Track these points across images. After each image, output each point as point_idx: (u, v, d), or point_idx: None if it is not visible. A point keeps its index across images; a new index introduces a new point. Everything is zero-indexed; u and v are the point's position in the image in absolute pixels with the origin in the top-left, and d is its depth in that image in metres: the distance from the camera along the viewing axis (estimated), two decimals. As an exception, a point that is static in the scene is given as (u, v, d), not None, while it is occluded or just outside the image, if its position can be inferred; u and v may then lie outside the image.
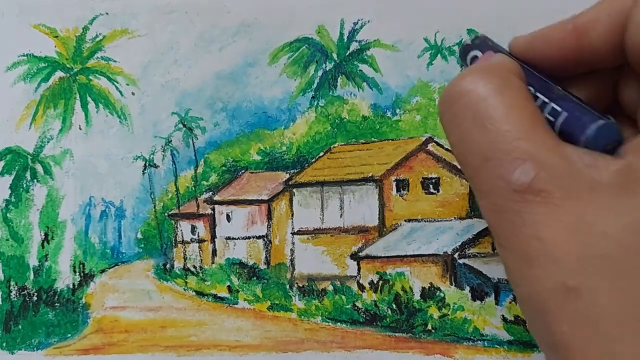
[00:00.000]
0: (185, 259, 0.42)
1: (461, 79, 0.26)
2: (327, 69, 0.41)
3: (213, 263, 0.42)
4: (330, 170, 0.41)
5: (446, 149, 0.40)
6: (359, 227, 0.41)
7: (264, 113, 0.41)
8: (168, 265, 0.42)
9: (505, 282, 0.39)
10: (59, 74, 0.43)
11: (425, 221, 0.40)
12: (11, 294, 0.42)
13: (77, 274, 0.42)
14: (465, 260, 0.39)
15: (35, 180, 0.42)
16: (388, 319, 0.39)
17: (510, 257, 0.24)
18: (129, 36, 0.43)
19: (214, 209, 0.43)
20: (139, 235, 0.42)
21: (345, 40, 0.41)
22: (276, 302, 0.41)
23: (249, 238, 0.42)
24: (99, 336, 0.41)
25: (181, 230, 0.43)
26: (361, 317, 0.40)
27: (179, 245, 0.42)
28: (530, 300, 0.23)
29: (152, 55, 0.42)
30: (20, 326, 0.41)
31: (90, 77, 0.43)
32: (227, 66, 0.42)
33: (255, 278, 0.41)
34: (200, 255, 0.42)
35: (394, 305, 0.39)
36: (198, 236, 0.43)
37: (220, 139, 0.42)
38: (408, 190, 0.40)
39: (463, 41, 0.34)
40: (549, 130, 0.24)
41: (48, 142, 0.43)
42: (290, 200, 0.42)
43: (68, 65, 0.43)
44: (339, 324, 0.40)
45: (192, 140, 0.42)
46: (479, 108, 0.25)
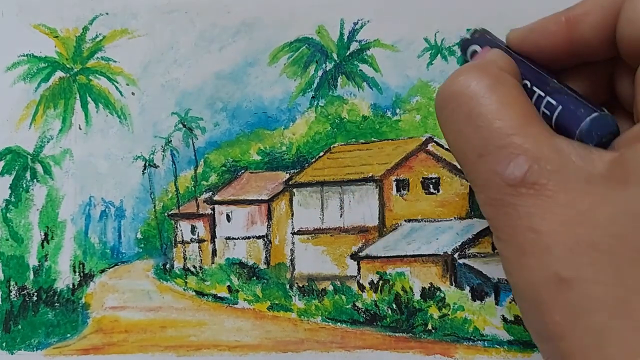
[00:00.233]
0: (185, 259, 0.42)
1: (454, 78, 0.26)
2: (327, 69, 0.41)
3: (213, 263, 0.42)
4: (330, 170, 0.41)
5: (446, 149, 0.40)
6: (359, 227, 0.41)
7: (264, 113, 0.41)
8: (168, 265, 0.42)
9: (505, 282, 0.39)
10: (59, 74, 0.43)
11: (425, 221, 0.40)
12: (11, 294, 0.42)
13: (77, 274, 0.42)
14: (465, 260, 0.39)
15: (35, 180, 0.42)
16: (388, 319, 0.39)
17: (506, 249, 0.24)
18: (129, 36, 0.43)
19: (213, 209, 0.43)
20: (139, 235, 0.42)
21: (345, 40, 0.41)
22: (276, 302, 0.41)
23: (249, 238, 0.42)
24: (99, 336, 0.41)
25: (181, 230, 0.43)
26: (361, 317, 0.40)
27: (179, 245, 0.42)
28: (524, 290, 0.24)
29: (152, 55, 0.42)
30: (20, 326, 0.41)
31: (90, 77, 0.43)
32: (227, 66, 0.42)
33: (255, 278, 0.41)
34: (200, 255, 0.42)
35: (394, 305, 0.39)
36: (198, 236, 0.43)
37: (220, 139, 0.42)
38: (408, 190, 0.40)
39: (462, 35, 0.34)
40: (542, 124, 0.25)
41: (48, 142, 0.43)
42: (290, 200, 0.42)
43: (68, 66, 0.43)
44: (339, 324, 0.40)
45: (192, 140, 0.42)
46: (471, 107, 0.25)
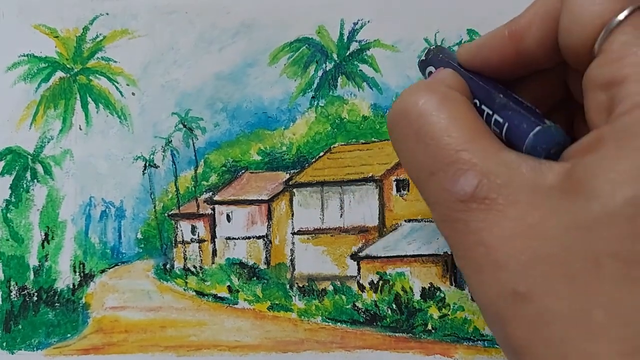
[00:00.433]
0: (185, 259, 0.42)
1: (403, 97, 0.26)
2: (327, 69, 0.41)
3: (213, 263, 0.42)
4: (330, 171, 0.41)
5: (446, 149, 0.40)
6: (359, 227, 0.41)
7: (264, 113, 0.42)
8: (168, 266, 0.42)
9: (506, 282, 0.39)
10: (59, 74, 0.43)
11: (425, 221, 0.40)
12: (11, 294, 0.42)
13: (77, 274, 0.42)
14: (466, 260, 0.39)
15: (35, 180, 0.42)
16: (388, 319, 0.39)
17: (464, 266, 0.24)
18: (129, 36, 0.43)
19: (214, 209, 0.43)
20: (139, 236, 0.42)
21: (345, 40, 0.41)
22: (276, 302, 0.41)
23: (249, 238, 0.42)
24: (99, 336, 0.41)
25: (181, 230, 0.43)
26: (361, 317, 0.40)
27: (179, 245, 0.42)
28: (485, 306, 0.23)
29: (152, 56, 0.42)
30: (20, 326, 0.41)
31: (90, 78, 0.43)
32: (227, 66, 0.42)
33: (255, 278, 0.41)
34: (200, 256, 0.42)
35: (394, 305, 0.39)
36: (198, 236, 0.43)
37: (221, 139, 0.42)
38: (408, 190, 0.40)
39: (421, 54, 0.33)
40: (490, 138, 0.24)
41: (48, 142, 0.43)
42: (290, 200, 0.42)
43: (68, 66, 0.43)
44: (339, 324, 0.40)
45: (192, 140, 0.42)
46: (419, 125, 0.25)
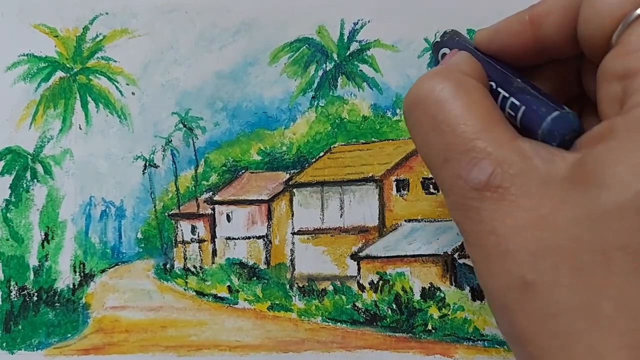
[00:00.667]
0: (185, 259, 0.42)
1: (419, 84, 0.26)
2: (328, 69, 0.41)
3: (213, 263, 0.42)
4: (330, 170, 0.41)
5: (446, 149, 0.40)
6: (359, 227, 0.41)
7: (264, 113, 0.41)
8: (168, 265, 0.42)
9: (506, 282, 0.39)
10: (59, 73, 0.43)
11: (425, 221, 0.40)
12: (11, 294, 0.42)
13: (77, 274, 0.42)
14: (465, 260, 0.39)
15: (35, 180, 0.42)
16: (388, 319, 0.39)
17: (474, 254, 0.24)
18: (129, 36, 0.43)
19: (214, 209, 0.43)
20: (139, 235, 0.42)
21: (345, 40, 0.41)
22: (276, 302, 0.41)
23: (249, 238, 0.42)
24: (99, 336, 0.41)
25: (181, 230, 0.43)
26: (361, 317, 0.40)
27: (179, 245, 0.42)
28: (492, 295, 0.24)
29: (152, 55, 0.42)
30: (20, 326, 0.41)
31: (90, 77, 0.43)
32: (227, 66, 0.42)
33: (255, 278, 0.41)
34: (200, 255, 0.42)
35: (394, 305, 0.39)
36: (198, 236, 0.43)
37: (221, 138, 0.42)
38: (408, 190, 0.40)
39: (436, 37, 0.33)
40: (505, 127, 0.25)
41: (48, 142, 0.43)
42: (291, 200, 0.42)
43: (68, 65, 0.43)
44: (339, 324, 0.40)
45: (192, 140, 0.42)
46: (435, 112, 0.25)
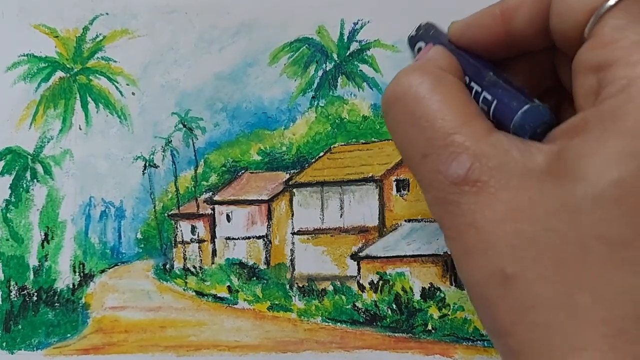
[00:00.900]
0: (185, 259, 0.42)
1: (397, 80, 0.27)
2: (327, 69, 0.41)
3: (213, 263, 0.42)
4: (330, 171, 0.41)
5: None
6: (359, 227, 0.41)
7: (264, 113, 0.41)
8: (168, 266, 0.42)
9: (506, 282, 0.39)
10: (59, 74, 0.43)
11: (425, 221, 0.40)
12: (11, 294, 0.42)
13: (77, 274, 0.42)
14: (465, 261, 0.39)
15: (35, 180, 0.42)
16: (388, 319, 0.39)
17: (454, 248, 0.24)
18: (129, 36, 0.43)
19: (214, 209, 0.43)
20: (139, 236, 0.42)
21: (345, 41, 0.41)
22: (276, 302, 0.41)
23: (249, 238, 0.42)
24: (99, 336, 0.41)
25: (181, 230, 0.43)
26: (361, 317, 0.40)
27: (179, 245, 0.42)
28: (472, 288, 0.24)
29: (152, 56, 0.42)
30: (20, 326, 0.41)
31: (90, 77, 0.43)
32: (227, 66, 0.42)
33: (255, 278, 0.41)
34: (200, 256, 0.42)
35: (394, 306, 0.39)
36: (198, 236, 0.43)
37: (220, 139, 0.42)
38: (408, 190, 0.40)
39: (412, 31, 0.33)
40: (482, 121, 0.25)
41: (48, 142, 0.43)
42: (290, 201, 0.42)
43: (68, 66, 0.43)
44: (338, 324, 0.40)
45: (192, 140, 0.42)
46: (414, 108, 0.25)
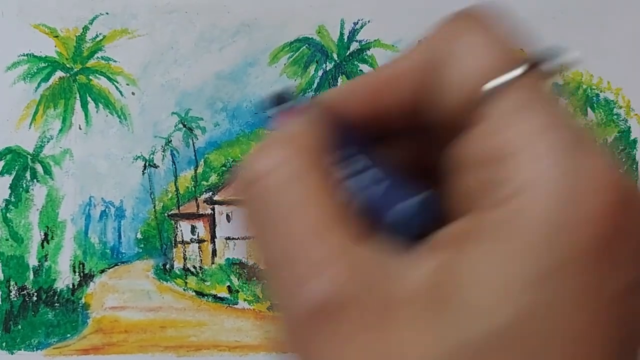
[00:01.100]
0: (185, 259, 0.42)
1: (256, 155, 0.20)
2: (328, 68, 0.41)
3: (213, 263, 0.42)
4: (330, 171, 0.41)
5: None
6: (359, 228, 0.41)
7: (264, 113, 0.41)
8: (168, 266, 0.42)
9: (506, 283, 0.38)
10: (59, 73, 0.43)
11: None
12: (11, 294, 0.42)
13: (77, 274, 0.42)
14: (466, 261, 0.39)
15: (35, 180, 0.42)
16: (388, 320, 0.39)
17: None
18: (129, 36, 0.43)
19: (214, 209, 0.43)
20: (139, 236, 0.42)
21: (345, 40, 0.41)
22: (276, 303, 0.41)
23: (249, 238, 0.42)
24: (99, 336, 0.41)
25: (181, 230, 0.43)
26: (361, 318, 0.40)
27: (179, 245, 0.42)
28: None
29: (152, 55, 0.42)
30: (19, 326, 0.41)
31: (90, 77, 0.43)
32: (227, 66, 0.42)
33: (255, 278, 0.41)
34: (200, 256, 0.42)
35: (394, 306, 0.39)
36: (198, 236, 0.43)
37: (221, 139, 0.42)
38: (408, 191, 0.40)
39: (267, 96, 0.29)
40: (347, 226, 0.18)
41: (48, 142, 0.43)
42: (290, 201, 0.42)
43: (68, 65, 0.43)
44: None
45: (192, 140, 0.42)
46: (271, 200, 0.19)
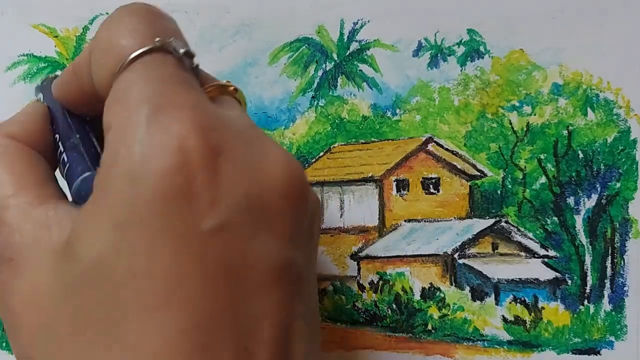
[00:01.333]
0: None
1: None
2: (327, 69, 0.41)
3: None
4: (330, 171, 0.41)
5: (446, 149, 0.40)
6: (359, 227, 0.41)
7: (264, 113, 0.42)
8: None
9: (505, 282, 0.39)
10: (59, 73, 0.43)
11: (425, 221, 0.40)
12: (11, 293, 0.42)
13: (77, 273, 0.42)
14: (465, 260, 0.39)
15: (35, 180, 0.42)
16: (388, 319, 0.39)
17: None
18: (129, 36, 0.43)
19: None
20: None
21: (345, 40, 0.41)
22: (276, 302, 0.41)
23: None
24: (99, 336, 0.41)
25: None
26: (361, 317, 0.40)
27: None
28: None
29: (152, 55, 0.42)
30: (19, 326, 0.41)
31: (90, 77, 0.43)
32: (227, 66, 0.42)
33: None
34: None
35: (394, 306, 0.39)
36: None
37: (220, 139, 0.42)
38: (408, 190, 0.40)
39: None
40: (38, 191, 0.26)
41: (48, 142, 0.43)
42: (290, 200, 0.42)
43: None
44: (338, 324, 0.40)
45: (192, 140, 0.42)
46: None
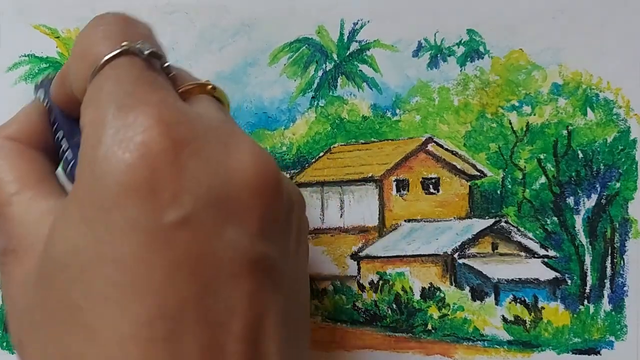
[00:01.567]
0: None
1: None
2: (327, 69, 0.41)
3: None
4: (330, 171, 0.41)
5: (446, 149, 0.40)
6: (359, 227, 0.41)
7: (264, 113, 0.42)
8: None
9: (505, 282, 0.39)
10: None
11: (425, 221, 0.40)
12: (12, 293, 0.42)
13: (78, 273, 0.42)
14: (465, 260, 0.39)
15: (35, 180, 0.42)
16: (388, 319, 0.39)
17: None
18: (129, 36, 0.43)
19: (214, 209, 0.43)
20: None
21: (345, 41, 0.41)
22: (276, 302, 0.41)
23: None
24: (99, 336, 0.41)
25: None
26: (361, 317, 0.40)
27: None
28: None
29: (153, 56, 0.42)
30: (20, 326, 0.41)
31: (90, 78, 0.43)
32: (228, 66, 0.42)
33: None
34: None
35: (394, 305, 0.39)
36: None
37: (221, 139, 0.42)
38: (408, 190, 0.40)
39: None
40: (40, 188, 0.27)
41: (49, 142, 0.43)
42: (290, 200, 0.42)
43: (69, 66, 0.43)
44: (338, 323, 0.40)
45: (193, 140, 0.42)
46: None
